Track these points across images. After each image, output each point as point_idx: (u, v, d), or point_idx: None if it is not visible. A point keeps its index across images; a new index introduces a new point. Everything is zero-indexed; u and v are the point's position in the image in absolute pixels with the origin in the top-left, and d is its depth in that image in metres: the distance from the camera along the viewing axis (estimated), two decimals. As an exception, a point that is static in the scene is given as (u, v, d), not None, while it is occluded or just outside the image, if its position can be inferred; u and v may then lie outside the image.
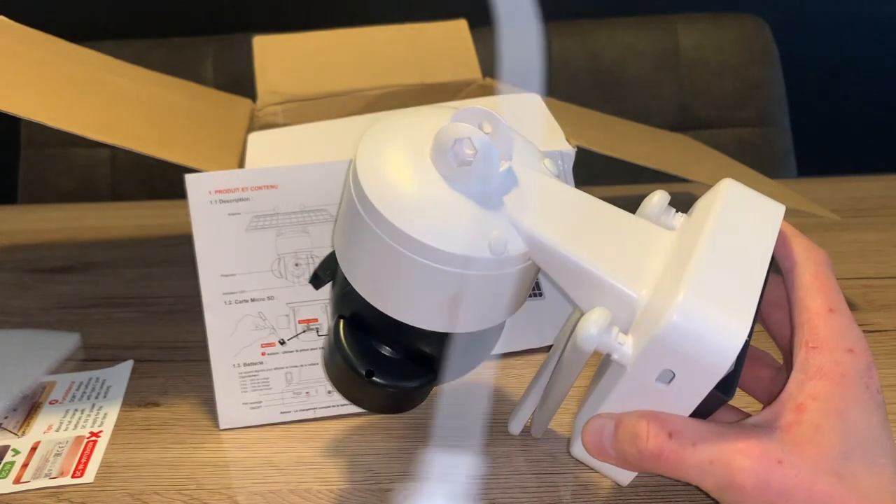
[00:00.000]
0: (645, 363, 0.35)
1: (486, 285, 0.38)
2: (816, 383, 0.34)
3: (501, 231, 0.36)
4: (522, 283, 0.39)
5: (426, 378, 0.41)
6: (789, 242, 0.39)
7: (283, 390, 0.51)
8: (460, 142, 0.36)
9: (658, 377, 0.35)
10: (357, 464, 0.47)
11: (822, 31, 1.53)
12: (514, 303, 0.40)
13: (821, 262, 0.39)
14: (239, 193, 0.49)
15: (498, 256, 0.36)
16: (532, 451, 0.47)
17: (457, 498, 0.44)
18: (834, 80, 1.55)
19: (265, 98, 0.72)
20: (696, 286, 0.34)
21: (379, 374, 0.40)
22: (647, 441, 0.35)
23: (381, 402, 0.42)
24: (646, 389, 0.35)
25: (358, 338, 0.41)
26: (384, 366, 0.41)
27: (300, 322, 0.50)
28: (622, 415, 0.36)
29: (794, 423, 0.34)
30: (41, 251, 0.77)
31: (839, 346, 0.35)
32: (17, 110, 0.50)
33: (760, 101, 1.25)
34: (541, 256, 0.37)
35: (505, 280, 0.38)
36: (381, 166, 0.37)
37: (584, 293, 0.37)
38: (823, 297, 0.37)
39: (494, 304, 0.39)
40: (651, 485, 0.44)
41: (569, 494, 0.44)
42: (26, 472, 0.47)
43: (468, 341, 0.41)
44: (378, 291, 0.39)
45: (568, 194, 0.39)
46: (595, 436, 0.37)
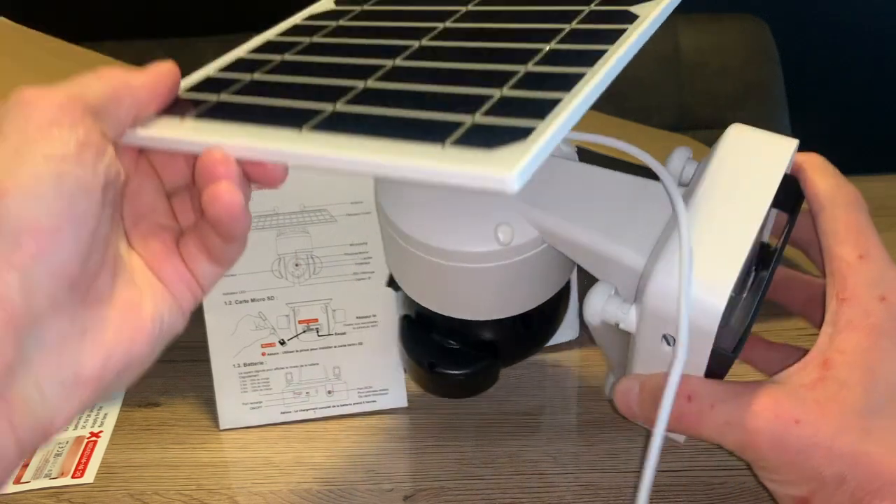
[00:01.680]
0: (644, 330, 0.35)
1: (507, 273, 0.39)
2: (846, 336, 0.33)
3: (509, 221, 0.38)
4: (547, 264, 0.40)
5: (486, 363, 0.44)
6: (815, 182, 0.37)
7: (283, 390, 0.51)
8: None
9: (661, 340, 0.35)
10: (357, 464, 0.47)
11: (822, 31, 1.53)
12: (546, 284, 0.42)
13: (850, 203, 0.36)
14: (239, 193, 0.49)
15: (506, 246, 0.38)
16: (532, 451, 0.47)
17: (457, 497, 0.44)
18: (834, 80, 1.55)
19: None
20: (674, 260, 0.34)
21: (442, 364, 0.44)
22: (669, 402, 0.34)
23: (451, 388, 0.45)
24: (658, 353, 0.35)
25: (420, 334, 0.45)
26: (446, 357, 0.44)
27: (300, 322, 0.50)
28: (646, 377, 0.36)
29: (820, 380, 0.33)
30: (41, 251, 0.77)
31: (870, 295, 0.34)
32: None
33: (760, 101, 1.25)
34: (550, 238, 0.39)
35: (525, 265, 0.39)
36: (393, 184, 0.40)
37: (597, 267, 0.38)
38: (853, 242, 0.35)
39: (527, 287, 0.41)
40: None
41: (569, 494, 0.44)
42: (27, 472, 0.47)
43: (521, 324, 0.43)
44: (421, 293, 0.43)
45: (574, 171, 0.40)
46: (623, 398, 0.37)
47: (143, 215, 0.32)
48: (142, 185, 0.32)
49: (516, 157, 0.24)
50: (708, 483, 0.44)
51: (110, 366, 0.28)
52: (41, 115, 0.26)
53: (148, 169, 0.32)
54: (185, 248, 0.32)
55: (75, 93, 0.27)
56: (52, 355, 0.26)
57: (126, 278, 0.30)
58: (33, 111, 0.26)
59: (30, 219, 0.25)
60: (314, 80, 0.32)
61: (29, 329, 0.25)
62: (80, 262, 0.26)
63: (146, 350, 0.30)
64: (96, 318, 0.28)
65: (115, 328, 0.28)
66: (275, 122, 0.28)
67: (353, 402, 0.51)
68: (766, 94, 1.25)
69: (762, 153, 0.37)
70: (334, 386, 0.51)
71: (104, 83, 0.28)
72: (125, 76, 0.29)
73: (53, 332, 0.26)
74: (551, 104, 0.27)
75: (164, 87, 0.31)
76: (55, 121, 0.26)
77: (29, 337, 0.25)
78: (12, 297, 0.24)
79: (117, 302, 0.29)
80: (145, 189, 0.32)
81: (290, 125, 0.28)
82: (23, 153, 0.25)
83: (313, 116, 0.28)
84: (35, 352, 0.26)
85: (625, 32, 0.31)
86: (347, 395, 0.51)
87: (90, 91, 0.28)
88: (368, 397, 0.51)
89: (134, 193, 0.31)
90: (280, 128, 0.28)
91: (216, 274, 0.32)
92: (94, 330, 0.28)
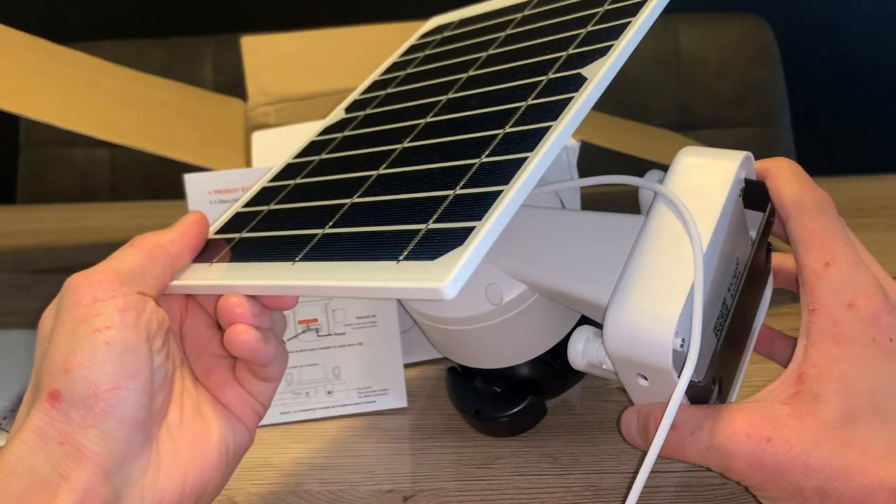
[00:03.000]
0: (618, 370, 0.37)
1: (510, 324, 0.42)
2: (817, 348, 0.33)
3: (494, 282, 0.40)
4: (550, 309, 0.42)
5: (529, 401, 0.46)
6: (779, 188, 0.37)
7: (283, 391, 0.51)
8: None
9: (637, 377, 0.36)
10: (357, 464, 0.47)
11: (822, 30, 1.53)
12: (559, 323, 0.43)
13: (816, 208, 0.36)
14: (238, 193, 0.49)
15: (497, 304, 0.40)
16: (532, 451, 0.47)
17: (457, 497, 0.44)
18: (834, 79, 1.55)
19: (256, 98, 0.72)
20: (623, 290, 0.35)
21: (486, 410, 0.46)
22: (655, 434, 0.35)
23: (501, 429, 0.47)
24: (641, 388, 0.36)
25: (465, 383, 0.48)
26: (491, 402, 0.46)
27: (300, 322, 0.50)
28: (640, 408, 0.38)
29: (795, 394, 0.33)
30: (41, 251, 0.77)
31: (837, 303, 0.33)
32: (22, 110, 0.50)
33: (761, 101, 1.24)
34: (535, 288, 0.41)
35: (525, 315, 0.42)
36: None
37: (582, 309, 0.41)
38: (818, 250, 0.35)
39: (539, 330, 0.43)
40: (651, 485, 0.44)
41: (569, 494, 0.44)
42: (26, 472, 0.47)
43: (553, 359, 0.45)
44: (449, 352, 0.47)
45: (544, 219, 0.41)
46: (625, 429, 0.39)
47: (202, 349, 0.36)
48: (194, 323, 0.36)
49: (451, 265, 0.27)
50: (708, 484, 0.44)
51: (187, 491, 0.33)
52: (85, 295, 0.31)
53: (197, 308, 0.37)
54: (240, 373, 0.36)
55: (112, 267, 0.32)
56: (136, 489, 0.31)
57: (193, 410, 0.34)
58: (79, 294, 0.31)
59: (92, 385, 0.30)
60: (312, 204, 0.37)
61: (116, 471, 0.30)
62: (144, 406, 0.31)
63: (217, 472, 0.34)
64: (170, 452, 0.33)
65: (186, 458, 0.33)
66: (278, 255, 0.34)
67: (352, 403, 0.51)
68: (766, 94, 1.24)
69: (710, 171, 0.37)
70: (334, 386, 0.51)
71: (137, 250, 0.33)
72: (156, 238, 0.34)
73: (135, 470, 0.31)
74: (492, 198, 0.30)
75: (193, 238, 0.35)
76: (97, 297, 0.31)
77: (117, 476, 0.30)
78: (95, 449, 0.30)
79: (186, 433, 0.34)
80: (198, 326, 0.36)
81: (287, 257, 0.33)
82: (77, 332, 0.31)
83: (306, 244, 0.34)
84: (123, 488, 0.31)
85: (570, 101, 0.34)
86: (347, 395, 0.51)
87: (124, 262, 0.33)
88: (368, 397, 0.51)
89: (189, 332, 0.36)
90: (280, 262, 0.33)
91: (270, 389, 0.37)
92: (168, 463, 0.32)
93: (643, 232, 0.37)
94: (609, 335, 0.35)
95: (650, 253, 0.36)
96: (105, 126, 0.54)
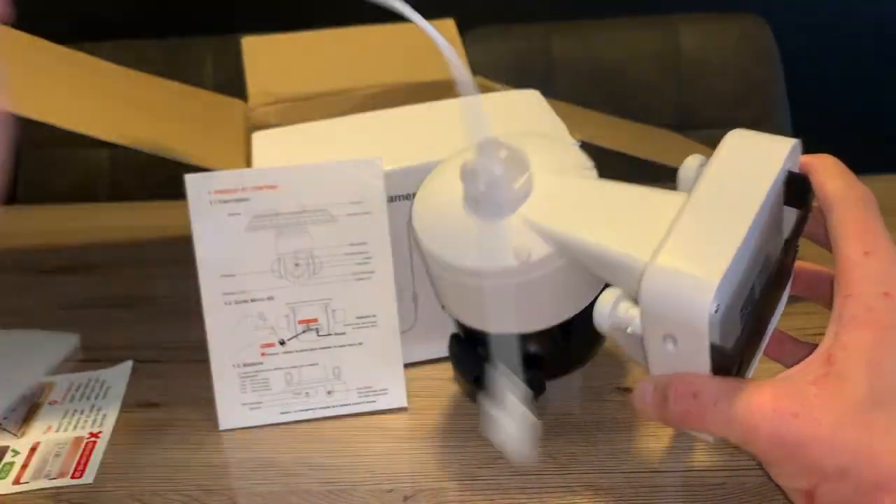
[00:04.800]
0: (647, 331, 0.36)
1: (530, 287, 0.41)
2: (849, 332, 0.33)
3: (523, 240, 0.40)
4: (569, 280, 0.42)
5: (530, 374, 0.44)
6: (824, 183, 0.38)
7: (283, 391, 0.51)
8: (471, 181, 0.40)
9: (664, 341, 0.36)
10: (357, 464, 0.47)
11: (822, 31, 1.53)
12: (574, 299, 0.43)
13: (859, 201, 0.37)
14: (239, 194, 0.49)
15: (522, 262, 0.40)
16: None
17: (457, 497, 0.44)
18: (834, 80, 1.55)
19: (256, 99, 0.71)
20: (668, 250, 0.35)
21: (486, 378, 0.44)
22: (675, 403, 0.35)
23: None
24: (665, 354, 0.36)
25: (467, 350, 0.47)
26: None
27: (300, 322, 0.50)
28: (658, 377, 0.37)
29: (823, 376, 0.33)
30: (41, 251, 0.77)
31: (874, 291, 0.34)
32: (22, 110, 0.50)
33: (760, 101, 1.24)
34: (564, 251, 0.40)
35: (546, 279, 0.41)
36: (426, 212, 0.44)
37: (609, 274, 0.40)
38: (859, 240, 0.35)
39: (552, 302, 0.43)
40: (651, 485, 0.44)
41: (569, 494, 0.44)
42: (26, 472, 0.47)
43: (561, 338, 0.45)
44: (457, 311, 0.45)
45: (583, 186, 0.42)
46: (638, 400, 0.38)
47: None
48: None
49: None
50: (707, 483, 0.44)
51: None
52: None
53: None
54: None
55: None
56: None
57: None
58: None
59: None
60: None
61: None
62: None
63: None
64: None
65: None
66: None
67: (353, 402, 0.51)
68: (766, 94, 1.24)
69: (758, 154, 0.38)
70: (334, 386, 0.51)
71: None
72: None
73: None
74: None
75: None
76: None
77: None
78: None
79: None
80: None
81: None
82: None
83: None
84: None
85: None
86: (347, 395, 0.51)
87: None
88: (368, 397, 0.51)
89: None
90: None
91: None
92: None
93: (692, 198, 0.37)
94: (647, 288, 0.35)
95: (698, 217, 0.36)
96: (105, 126, 0.54)
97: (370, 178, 0.49)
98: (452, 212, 0.42)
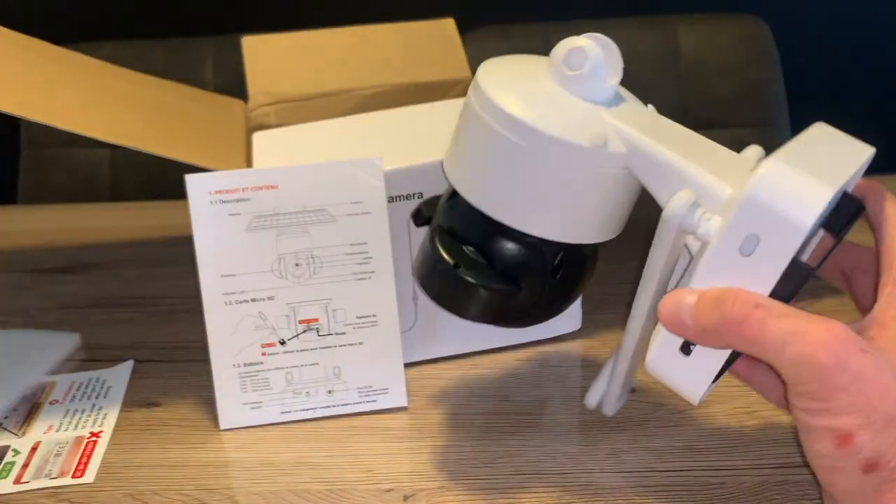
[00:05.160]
0: (732, 229, 0.35)
1: (580, 181, 0.40)
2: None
3: (603, 129, 0.39)
4: (616, 196, 0.40)
5: (507, 286, 0.43)
6: (881, 201, 0.38)
7: (283, 390, 0.51)
8: (575, 50, 0.40)
9: (742, 246, 0.35)
10: (357, 464, 0.47)
11: (822, 31, 1.53)
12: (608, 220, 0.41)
13: None
14: (239, 194, 0.49)
15: (595, 147, 0.38)
16: (532, 451, 0.47)
17: (457, 497, 0.44)
18: (834, 80, 1.55)
19: (256, 99, 0.72)
20: (783, 157, 0.35)
21: (467, 267, 0.43)
22: (734, 306, 0.34)
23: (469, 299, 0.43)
24: (729, 266, 0.35)
25: (452, 241, 0.44)
26: (472, 265, 0.43)
27: (300, 322, 0.50)
28: (703, 290, 0.36)
29: (877, 336, 0.34)
30: (41, 251, 0.77)
31: None
32: (23, 112, 0.50)
33: (760, 101, 1.25)
34: (638, 160, 0.39)
35: (599, 183, 0.40)
36: (497, 72, 0.42)
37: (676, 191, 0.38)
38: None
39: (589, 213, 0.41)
40: (651, 485, 0.44)
41: (569, 494, 0.44)
42: (27, 472, 0.47)
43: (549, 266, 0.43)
44: (483, 191, 0.41)
45: (669, 122, 0.42)
46: (673, 305, 0.36)
47: None
48: None
49: None
50: (707, 483, 0.44)
51: None
52: None
53: None
54: None
55: None
56: None
57: None
58: None
59: None
60: None
61: None
62: None
63: None
64: None
65: None
66: None
67: (353, 402, 0.51)
68: (766, 94, 1.25)
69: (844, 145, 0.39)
70: (334, 386, 0.51)
71: None
72: None
73: None
74: None
75: None
76: None
77: None
78: None
79: None
80: None
81: None
82: None
83: None
84: None
85: None
86: (347, 394, 0.51)
87: None
88: (368, 397, 0.51)
89: None
90: None
91: None
92: None
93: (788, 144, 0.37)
94: (764, 177, 0.34)
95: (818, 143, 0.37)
96: (106, 127, 0.54)
97: (370, 178, 0.49)
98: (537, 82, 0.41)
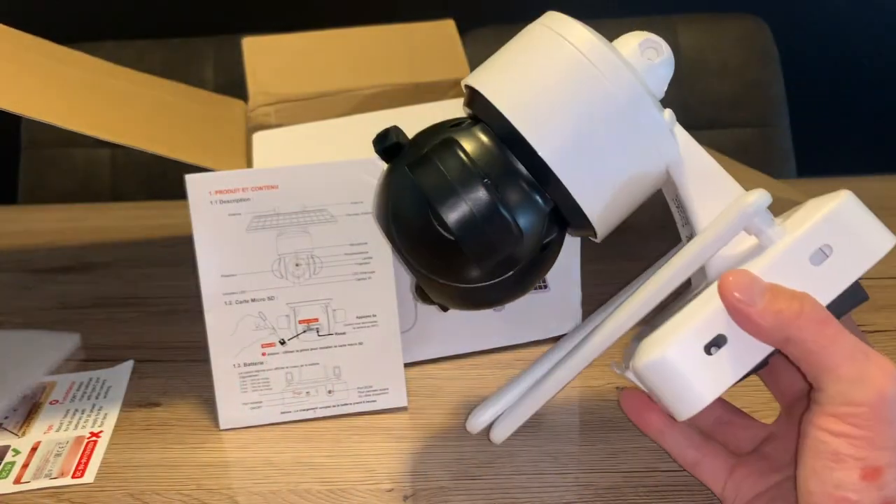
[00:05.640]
0: (811, 235, 0.36)
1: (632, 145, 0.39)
2: None
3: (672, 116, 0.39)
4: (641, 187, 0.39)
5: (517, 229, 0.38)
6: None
7: (284, 390, 0.51)
8: (651, 40, 0.40)
9: (813, 255, 0.36)
10: (357, 464, 0.47)
11: (822, 31, 1.53)
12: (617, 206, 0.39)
13: None
14: (239, 194, 0.49)
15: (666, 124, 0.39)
16: (532, 451, 0.47)
17: (457, 497, 0.44)
18: (834, 80, 1.55)
19: (257, 99, 0.72)
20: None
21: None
22: (815, 305, 0.34)
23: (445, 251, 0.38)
24: (794, 270, 0.36)
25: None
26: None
27: (300, 322, 0.50)
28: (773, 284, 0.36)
29: None
30: (41, 251, 0.77)
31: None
32: (23, 110, 0.50)
33: (760, 102, 1.25)
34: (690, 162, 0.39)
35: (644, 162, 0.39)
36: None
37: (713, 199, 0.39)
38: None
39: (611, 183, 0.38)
40: (651, 485, 0.44)
41: (569, 494, 0.44)
42: (27, 472, 0.47)
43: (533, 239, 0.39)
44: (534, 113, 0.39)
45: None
46: (746, 277, 0.35)
47: None
48: None
49: None
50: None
51: None
52: None
53: None
54: None
55: None
56: None
57: None
58: None
59: None
60: None
61: None
62: None
63: None
64: None
65: None
66: None
67: (353, 402, 0.51)
68: (766, 94, 1.25)
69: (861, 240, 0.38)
70: (334, 385, 0.51)
71: None
72: None
73: None
74: None
75: None
76: None
77: None
78: None
79: None
80: None
81: None
82: None
83: None
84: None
85: None
86: (347, 394, 0.51)
87: None
88: (368, 397, 0.51)
89: None
90: None
91: None
92: None
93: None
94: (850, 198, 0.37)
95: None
96: (106, 126, 0.54)
97: (370, 178, 0.49)
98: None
